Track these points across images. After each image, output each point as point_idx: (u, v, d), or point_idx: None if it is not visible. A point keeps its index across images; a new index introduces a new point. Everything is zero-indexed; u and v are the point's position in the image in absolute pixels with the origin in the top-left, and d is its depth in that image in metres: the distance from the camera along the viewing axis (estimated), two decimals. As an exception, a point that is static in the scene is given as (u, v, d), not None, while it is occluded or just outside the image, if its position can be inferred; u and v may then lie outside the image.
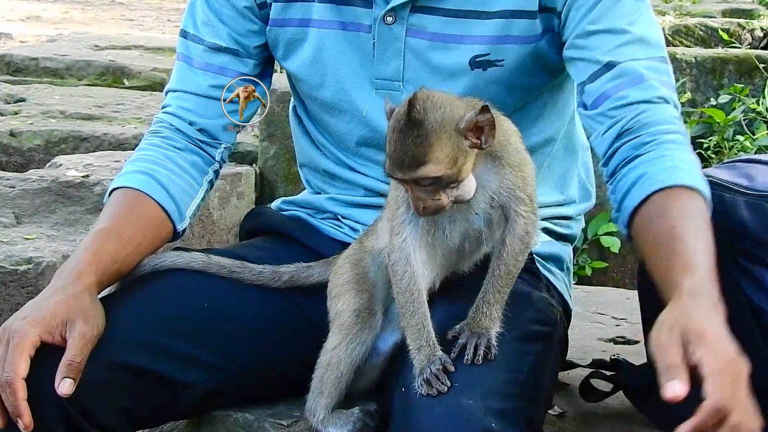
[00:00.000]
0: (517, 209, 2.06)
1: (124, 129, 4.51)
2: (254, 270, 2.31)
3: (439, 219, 2.05)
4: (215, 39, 2.41)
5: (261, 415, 2.28)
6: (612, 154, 2.18)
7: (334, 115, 2.40)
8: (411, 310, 2.04)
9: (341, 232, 2.44)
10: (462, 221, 2.07)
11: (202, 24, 2.42)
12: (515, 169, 2.06)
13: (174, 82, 2.47)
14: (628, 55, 2.19)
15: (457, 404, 1.92)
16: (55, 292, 2.10)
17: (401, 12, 2.28)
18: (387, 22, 2.28)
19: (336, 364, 2.14)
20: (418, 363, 1.99)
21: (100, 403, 2.08)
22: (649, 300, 2.40)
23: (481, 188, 2.04)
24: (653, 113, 2.15)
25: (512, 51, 2.27)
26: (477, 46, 2.27)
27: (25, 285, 3.03)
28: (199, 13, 2.43)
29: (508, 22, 2.26)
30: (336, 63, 2.35)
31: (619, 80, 2.18)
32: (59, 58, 5.86)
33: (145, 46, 6.58)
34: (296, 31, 2.38)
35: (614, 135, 2.17)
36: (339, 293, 2.18)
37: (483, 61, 2.28)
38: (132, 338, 2.14)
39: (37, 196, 3.50)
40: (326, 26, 2.34)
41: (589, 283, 4.26)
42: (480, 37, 2.27)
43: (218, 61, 2.41)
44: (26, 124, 4.56)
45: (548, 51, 2.28)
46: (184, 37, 2.45)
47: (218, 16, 2.41)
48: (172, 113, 2.45)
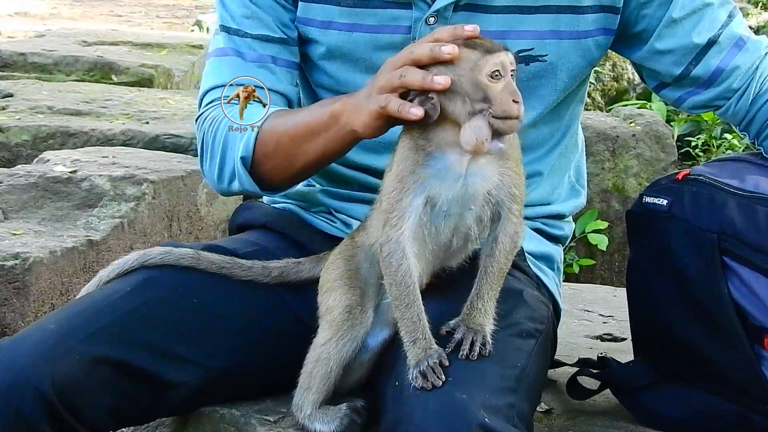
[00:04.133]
0: (511, 207, 2.08)
1: (112, 125, 4.49)
2: (243, 266, 2.30)
3: (438, 213, 2.06)
4: (262, 30, 2.38)
5: (248, 411, 2.28)
6: (751, 119, 2.35)
7: None
8: (406, 303, 2.04)
9: (333, 227, 2.44)
10: (455, 216, 2.07)
11: (242, 18, 2.38)
12: (515, 163, 2.08)
13: (221, 74, 2.39)
14: (717, 23, 2.33)
15: (452, 398, 1.92)
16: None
17: (444, 12, 2.28)
18: (429, 23, 2.28)
19: (325, 360, 2.14)
20: (414, 356, 2.00)
21: (86, 401, 2.08)
22: (638, 298, 2.41)
23: (485, 181, 2.05)
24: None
25: (557, 46, 2.30)
26: (521, 41, 2.29)
27: (12, 280, 3.02)
28: (236, 8, 2.39)
29: (555, 18, 2.29)
30: (369, 64, 2.32)
31: (724, 52, 2.32)
32: (47, 53, 5.84)
33: (134, 41, 6.55)
34: (319, 32, 2.36)
35: (748, 103, 2.33)
36: (330, 288, 2.18)
37: (526, 55, 2.30)
38: (119, 334, 2.14)
39: (24, 192, 3.49)
40: (356, 29, 2.32)
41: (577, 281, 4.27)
42: (524, 32, 2.29)
43: (270, 52, 2.38)
44: (14, 120, 4.54)
45: (595, 48, 2.34)
46: (227, 32, 2.40)
47: (260, 7, 2.37)
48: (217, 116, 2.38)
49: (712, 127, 5.96)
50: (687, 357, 2.29)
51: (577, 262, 4.68)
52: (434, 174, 2.04)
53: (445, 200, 2.05)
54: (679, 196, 2.29)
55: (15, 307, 3.04)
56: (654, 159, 4.89)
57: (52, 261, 3.12)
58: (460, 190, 2.05)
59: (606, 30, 2.34)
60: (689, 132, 6.00)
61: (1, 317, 3.02)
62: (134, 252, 2.30)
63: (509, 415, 1.96)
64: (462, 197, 2.05)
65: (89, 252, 3.25)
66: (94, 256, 3.26)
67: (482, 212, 2.08)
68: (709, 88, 2.36)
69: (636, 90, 6.75)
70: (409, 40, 2.29)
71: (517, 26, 2.29)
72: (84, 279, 3.13)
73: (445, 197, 2.04)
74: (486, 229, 2.10)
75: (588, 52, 2.35)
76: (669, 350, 2.33)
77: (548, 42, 2.31)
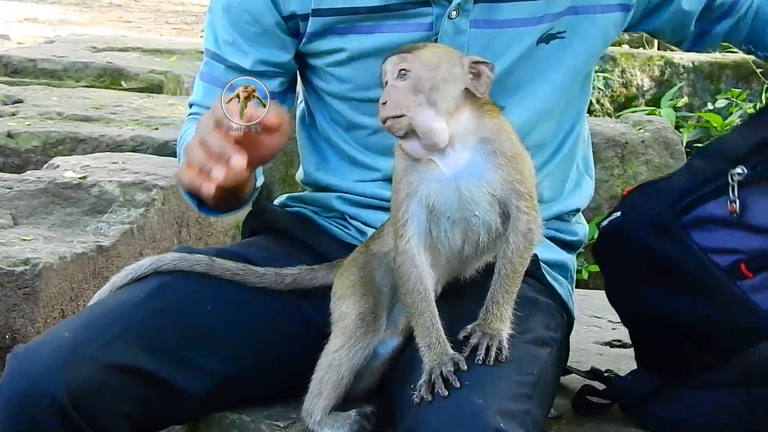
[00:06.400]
0: (519, 205, 2.07)
1: (122, 131, 4.50)
2: (257, 273, 2.30)
3: (439, 219, 2.06)
4: (238, 60, 2.39)
5: (257, 417, 2.28)
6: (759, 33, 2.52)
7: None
8: (419, 310, 2.04)
9: (348, 234, 2.43)
10: (460, 222, 2.07)
11: (224, 43, 2.40)
12: (510, 159, 2.07)
13: (198, 97, 2.47)
14: None
15: (468, 403, 1.93)
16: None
17: (465, 5, 2.29)
18: (452, 17, 2.29)
19: (337, 367, 2.14)
20: (429, 361, 2.00)
21: (101, 409, 2.09)
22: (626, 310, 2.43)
23: (479, 181, 2.05)
24: None
25: (574, 22, 2.33)
26: (543, 24, 2.32)
27: (22, 286, 3.03)
28: (221, 32, 2.40)
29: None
30: None
31: None
32: (57, 59, 5.86)
33: (143, 47, 6.57)
34: (338, 39, 2.35)
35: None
36: (344, 295, 2.19)
37: (546, 35, 2.33)
38: (134, 342, 2.14)
39: (34, 198, 3.50)
40: (378, 30, 2.32)
41: (586, 287, 4.25)
42: (545, 16, 2.31)
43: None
44: (23, 126, 4.56)
45: (611, 25, 2.39)
46: (207, 55, 2.43)
47: (243, 36, 2.37)
48: None
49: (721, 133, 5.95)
50: (682, 339, 2.31)
51: (586, 268, 4.66)
52: (422, 179, 2.05)
53: (441, 204, 2.05)
54: (628, 202, 2.37)
55: (25, 312, 3.04)
56: (663, 165, 4.88)
57: (61, 267, 3.12)
58: (454, 192, 2.05)
59: (623, 6, 2.39)
60: (698, 138, 5.99)
61: (11, 323, 3.02)
62: (147, 258, 2.30)
63: (524, 421, 1.97)
64: (459, 200, 2.05)
65: (99, 258, 3.26)
66: (104, 262, 3.27)
67: (490, 217, 2.08)
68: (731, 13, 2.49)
69: (645, 96, 6.75)
70: (431, 36, 2.30)
71: (537, 12, 2.31)
72: (94, 284, 3.13)
73: (440, 201, 2.05)
74: (501, 236, 2.10)
75: (604, 30, 2.39)
76: (664, 339, 2.34)
77: (565, 19, 2.34)
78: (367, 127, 2.38)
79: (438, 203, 2.05)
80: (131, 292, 2.24)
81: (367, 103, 2.34)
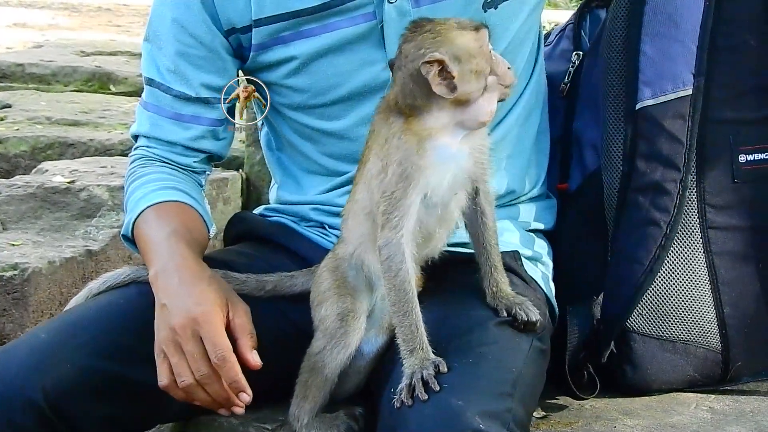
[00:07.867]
0: (485, 178, 2.13)
1: (111, 135, 4.51)
2: (238, 280, 2.29)
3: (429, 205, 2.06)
4: (183, 88, 2.36)
5: (245, 420, 2.28)
6: None
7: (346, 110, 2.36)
8: (404, 310, 2.02)
9: (328, 240, 2.42)
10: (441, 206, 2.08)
11: (167, 71, 2.37)
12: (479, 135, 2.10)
13: (145, 128, 2.43)
14: None
15: (447, 405, 1.92)
16: (192, 282, 2.13)
17: None
18: (391, 2, 2.28)
19: (320, 369, 2.14)
20: (410, 366, 1.98)
21: (79, 410, 2.08)
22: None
23: (467, 159, 2.07)
24: None
25: None
26: None
27: (11, 291, 3.03)
28: (162, 60, 2.37)
29: None
30: (345, 61, 2.32)
31: None
32: (45, 64, 5.86)
33: (132, 51, 6.57)
34: (285, 48, 2.34)
35: None
36: (321, 300, 2.18)
37: (491, 1, 2.33)
38: (112, 345, 2.13)
39: (23, 202, 3.50)
40: (327, 30, 2.31)
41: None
42: None
43: (189, 111, 2.38)
44: (12, 130, 4.56)
45: None
46: (150, 85, 2.40)
47: (187, 60, 2.35)
48: (149, 155, 2.42)
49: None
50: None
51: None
52: (433, 163, 2.02)
53: (440, 189, 2.05)
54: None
55: (14, 317, 3.05)
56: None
57: (50, 271, 3.13)
58: (453, 174, 2.06)
59: None
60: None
61: (1, 328, 3.03)
62: (127, 267, 2.29)
63: (505, 419, 1.95)
64: (453, 183, 2.06)
65: (88, 262, 3.26)
66: (93, 266, 3.27)
67: (462, 196, 2.10)
68: None
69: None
70: (376, 24, 2.29)
71: None
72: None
73: (441, 185, 2.05)
74: (463, 214, 2.14)
75: None
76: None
77: None
78: (332, 133, 2.38)
79: (440, 188, 2.05)
80: (110, 297, 2.23)
81: (329, 106, 2.35)
